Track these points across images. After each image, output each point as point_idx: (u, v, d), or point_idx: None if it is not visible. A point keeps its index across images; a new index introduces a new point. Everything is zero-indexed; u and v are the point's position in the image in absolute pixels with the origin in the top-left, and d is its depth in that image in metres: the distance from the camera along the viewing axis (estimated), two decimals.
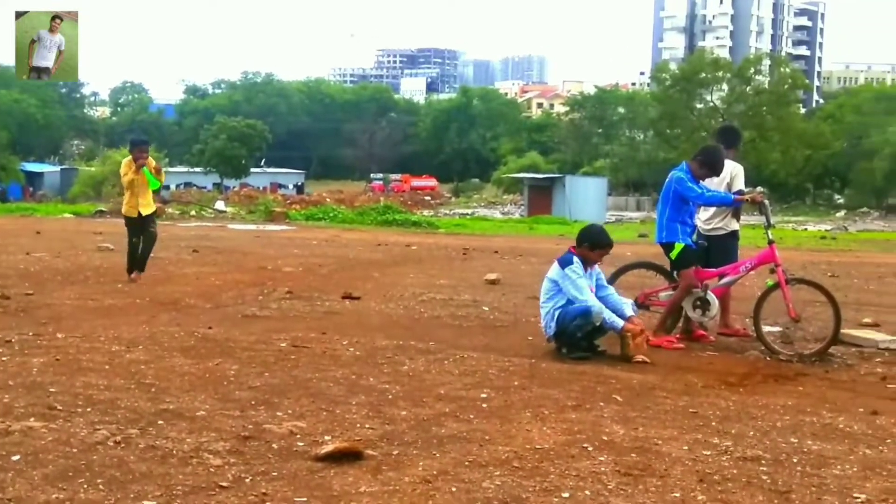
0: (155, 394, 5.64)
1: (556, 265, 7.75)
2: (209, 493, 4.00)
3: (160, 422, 5.01)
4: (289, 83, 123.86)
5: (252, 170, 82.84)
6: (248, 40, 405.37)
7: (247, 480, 4.17)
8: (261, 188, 77.16)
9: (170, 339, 7.52)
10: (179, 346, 7.23)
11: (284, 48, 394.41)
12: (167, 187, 39.39)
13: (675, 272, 8.64)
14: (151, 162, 11.95)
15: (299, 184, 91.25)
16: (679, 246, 8.38)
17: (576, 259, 7.63)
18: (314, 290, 11.32)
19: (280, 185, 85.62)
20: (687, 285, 8.38)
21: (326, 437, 4.83)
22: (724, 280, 8.63)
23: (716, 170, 8.54)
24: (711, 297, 8.44)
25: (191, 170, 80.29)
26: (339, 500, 3.97)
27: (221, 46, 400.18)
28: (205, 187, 71.68)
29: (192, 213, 35.46)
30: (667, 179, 8.59)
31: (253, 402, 5.52)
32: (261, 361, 6.74)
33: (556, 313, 7.56)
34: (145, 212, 11.91)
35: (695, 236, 8.73)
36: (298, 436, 4.86)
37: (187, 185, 71.25)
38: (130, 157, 12.05)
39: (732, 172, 8.94)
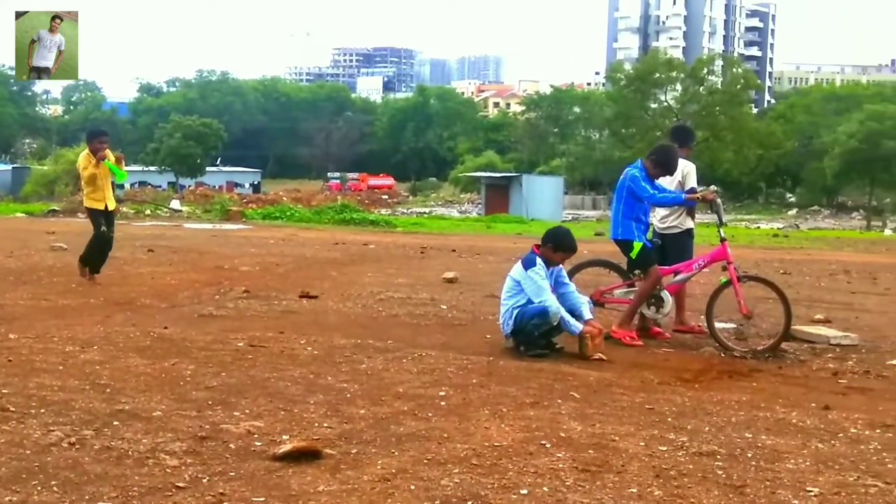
0: (110, 394, 5.58)
1: (519, 266, 7.82)
2: (166, 493, 3.97)
3: (115, 423, 4.96)
4: (244, 82, 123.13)
5: (208, 169, 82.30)
6: (203, 38, 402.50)
7: (204, 481, 4.15)
8: (217, 187, 76.67)
9: (125, 340, 7.44)
10: (135, 347, 7.16)
11: (240, 46, 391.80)
12: (121, 186, 38.88)
13: (632, 271, 8.72)
14: (110, 154, 11.69)
15: (255, 183, 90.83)
16: (638, 245, 8.45)
17: (538, 261, 7.69)
18: (271, 289, 11.26)
19: (236, 184, 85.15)
20: (656, 278, 8.46)
21: (284, 437, 4.81)
22: (678, 277, 8.73)
23: (669, 169, 8.66)
24: (665, 294, 8.54)
25: (145, 169, 79.47)
26: (298, 500, 3.96)
27: (176, 44, 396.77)
28: (160, 186, 71.08)
29: (147, 212, 35.06)
30: (622, 176, 8.67)
31: (210, 402, 5.48)
32: (217, 361, 6.69)
33: (515, 312, 7.62)
34: (112, 205, 11.67)
35: (650, 234, 8.84)
36: (256, 435, 4.83)
37: (142, 184, 70.54)
38: (88, 150, 11.53)
39: (684, 171, 9.06)
